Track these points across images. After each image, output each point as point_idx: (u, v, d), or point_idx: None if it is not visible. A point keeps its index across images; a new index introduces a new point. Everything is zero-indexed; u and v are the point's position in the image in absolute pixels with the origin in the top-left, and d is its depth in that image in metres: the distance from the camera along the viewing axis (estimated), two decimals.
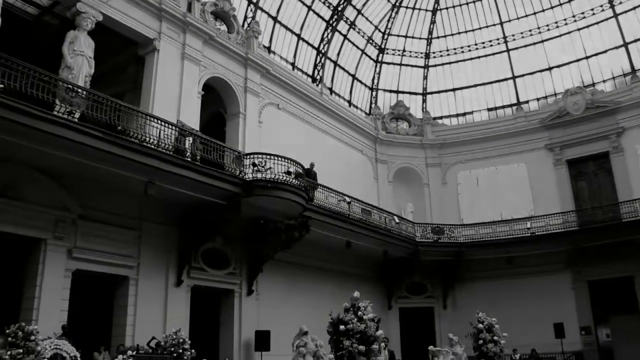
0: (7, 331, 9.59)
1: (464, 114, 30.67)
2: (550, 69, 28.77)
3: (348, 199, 20.39)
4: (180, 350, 12.96)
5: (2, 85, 10.40)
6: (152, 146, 13.20)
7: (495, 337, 15.53)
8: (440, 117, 30.85)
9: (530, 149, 27.06)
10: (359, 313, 10.50)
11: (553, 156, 26.42)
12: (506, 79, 29.77)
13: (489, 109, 30.05)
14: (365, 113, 29.72)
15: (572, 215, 23.89)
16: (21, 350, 9.46)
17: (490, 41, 30.10)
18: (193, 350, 13.26)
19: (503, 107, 29.70)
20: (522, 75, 29.40)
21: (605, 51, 27.19)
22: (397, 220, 23.33)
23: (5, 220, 11.74)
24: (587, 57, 27.75)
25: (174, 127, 14.47)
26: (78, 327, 12.34)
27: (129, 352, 12.08)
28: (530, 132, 27.25)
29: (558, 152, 26.32)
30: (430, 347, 16.41)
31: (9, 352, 9.37)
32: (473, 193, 27.73)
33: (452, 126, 30.28)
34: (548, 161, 26.50)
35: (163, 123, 13.98)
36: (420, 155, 29.12)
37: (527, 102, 29.10)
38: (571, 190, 25.72)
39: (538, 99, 28.94)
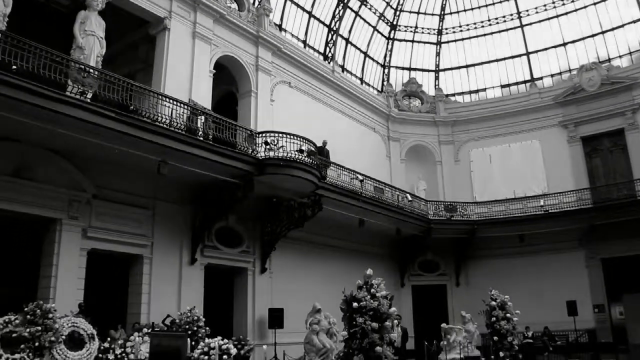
0: (26, 309, 9.80)
1: (477, 91, 30.30)
2: (565, 44, 28.23)
3: (361, 177, 20.37)
4: (195, 328, 13.17)
5: (14, 67, 10.42)
6: (165, 125, 13.19)
7: (508, 315, 15.56)
8: (453, 94, 30.56)
9: (544, 126, 26.76)
10: (372, 290, 10.53)
11: (567, 133, 26.11)
12: (520, 55, 29.30)
13: (503, 86, 29.66)
14: (378, 90, 29.48)
15: (586, 192, 23.68)
16: (40, 328, 9.69)
17: (504, 17, 29.59)
18: (207, 328, 13.46)
19: (517, 83, 29.27)
20: (536, 51, 28.91)
21: (622, 25, 26.57)
22: (409, 198, 23.30)
23: (20, 200, 11.88)
24: (602, 32, 27.16)
25: (186, 106, 14.45)
26: (94, 305, 12.53)
27: (145, 330, 12.27)
28: (544, 108, 26.92)
29: (572, 129, 26.00)
30: (443, 325, 16.48)
31: (27, 330, 9.59)
32: (486, 170, 27.56)
33: (465, 103, 29.98)
34: (562, 138, 26.19)
35: (175, 102, 13.95)
36: (433, 132, 28.93)
37: (541, 78, 28.65)
38: (585, 168, 25.45)
39: (552, 75, 28.46)
